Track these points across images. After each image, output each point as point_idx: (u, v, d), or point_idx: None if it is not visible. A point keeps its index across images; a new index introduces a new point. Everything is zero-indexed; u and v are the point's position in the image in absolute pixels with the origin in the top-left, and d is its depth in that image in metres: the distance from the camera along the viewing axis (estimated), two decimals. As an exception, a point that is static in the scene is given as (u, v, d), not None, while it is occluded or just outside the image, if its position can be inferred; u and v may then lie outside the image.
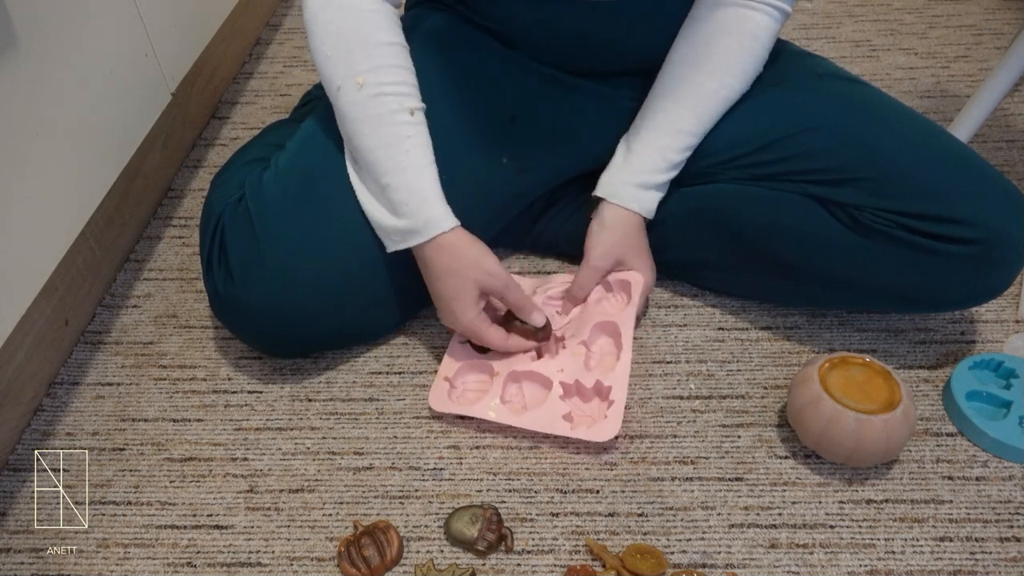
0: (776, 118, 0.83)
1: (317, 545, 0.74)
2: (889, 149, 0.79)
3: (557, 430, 0.79)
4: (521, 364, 0.83)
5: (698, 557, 0.72)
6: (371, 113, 0.77)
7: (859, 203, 0.78)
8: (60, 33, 0.87)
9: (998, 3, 1.44)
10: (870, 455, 0.74)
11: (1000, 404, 0.81)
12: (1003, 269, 0.78)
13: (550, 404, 0.80)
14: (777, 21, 0.82)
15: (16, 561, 0.74)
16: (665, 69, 0.85)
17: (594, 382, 0.81)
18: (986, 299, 0.81)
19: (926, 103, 1.23)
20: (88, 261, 0.95)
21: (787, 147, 0.81)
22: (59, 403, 0.87)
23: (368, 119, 0.77)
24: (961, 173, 0.77)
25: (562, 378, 0.81)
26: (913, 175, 0.77)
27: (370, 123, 0.77)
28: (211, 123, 1.25)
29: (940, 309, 0.87)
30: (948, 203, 0.75)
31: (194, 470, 0.81)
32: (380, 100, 0.77)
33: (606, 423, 0.78)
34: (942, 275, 0.78)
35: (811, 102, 0.83)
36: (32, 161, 0.84)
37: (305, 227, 0.80)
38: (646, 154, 0.85)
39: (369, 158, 0.78)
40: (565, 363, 0.83)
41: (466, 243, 0.78)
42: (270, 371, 0.89)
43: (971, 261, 0.76)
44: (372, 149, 0.77)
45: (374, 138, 0.77)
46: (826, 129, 0.81)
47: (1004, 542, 0.72)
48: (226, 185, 0.87)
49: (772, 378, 0.86)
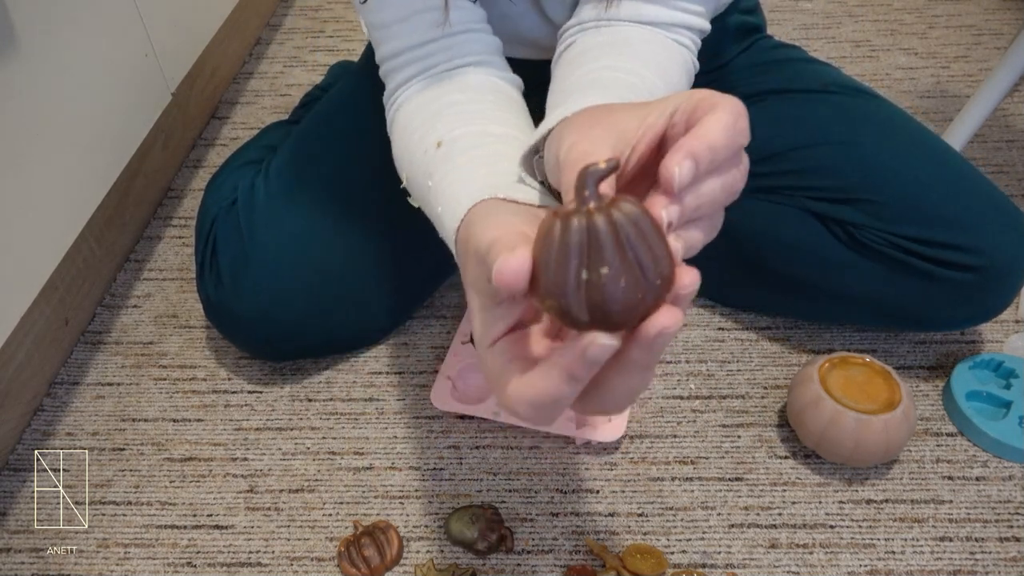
0: (779, 130, 0.81)
1: (317, 545, 0.74)
2: (891, 171, 0.77)
3: (562, 430, 0.79)
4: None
5: (698, 557, 0.72)
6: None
7: (857, 222, 0.77)
8: (60, 33, 0.87)
9: (998, 3, 1.44)
10: (870, 455, 0.74)
11: (1000, 404, 0.81)
12: (1001, 294, 0.77)
13: None
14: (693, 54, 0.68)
15: (16, 561, 0.74)
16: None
17: None
18: (983, 320, 0.81)
19: (926, 103, 1.23)
20: (88, 261, 0.95)
21: (789, 161, 0.80)
22: (59, 403, 0.87)
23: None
24: (963, 197, 0.76)
25: None
26: (914, 199, 0.75)
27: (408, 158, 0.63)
28: (211, 123, 1.25)
29: (936, 329, 0.87)
30: (948, 229, 0.74)
31: (194, 470, 0.81)
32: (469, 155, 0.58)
33: (611, 425, 0.78)
34: (939, 297, 0.77)
35: (816, 115, 0.81)
36: (32, 161, 0.84)
37: (292, 234, 0.79)
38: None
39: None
40: None
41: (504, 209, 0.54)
42: (270, 371, 0.89)
43: (969, 286, 0.75)
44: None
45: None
46: (830, 145, 0.79)
47: (1004, 542, 0.72)
48: (221, 188, 0.87)
49: (772, 378, 0.86)
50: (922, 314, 0.80)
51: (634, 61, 0.58)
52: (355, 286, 0.82)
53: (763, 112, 0.83)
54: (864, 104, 0.83)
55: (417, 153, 0.60)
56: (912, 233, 0.75)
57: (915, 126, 0.82)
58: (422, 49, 0.63)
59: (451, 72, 0.63)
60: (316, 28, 1.46)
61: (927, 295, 0.77)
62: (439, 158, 0.57)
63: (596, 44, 0.62)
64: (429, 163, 0.57)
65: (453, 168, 0.55)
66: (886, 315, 0.82)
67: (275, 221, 0.80)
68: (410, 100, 0.64)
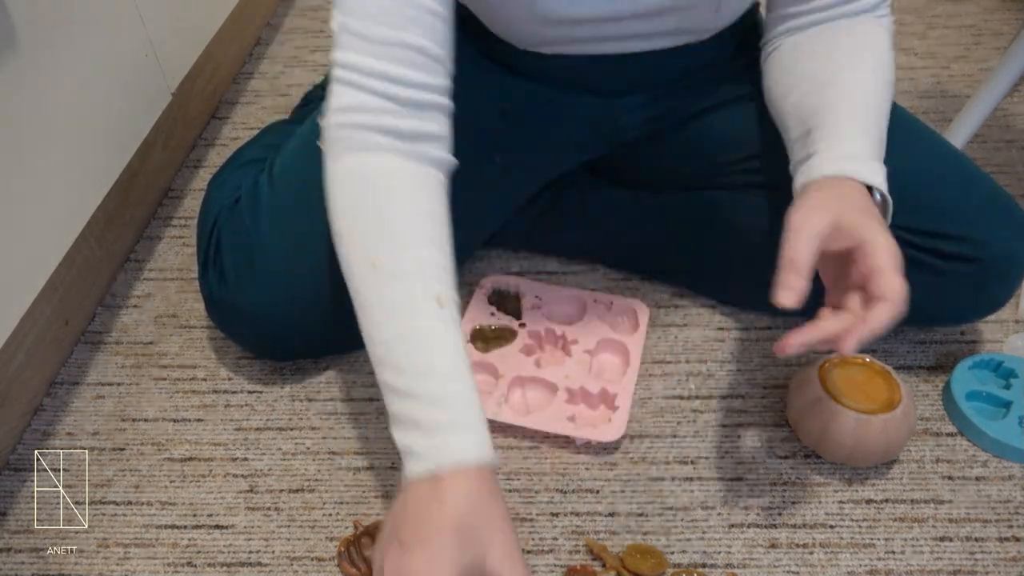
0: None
1: (317, 545, 0.74)
2: (890, 163, 0.78)
3: (562, 429, 0.79)
4: (527, 370, 0.84)
5: (698, 557, 0.72)
6: (387, 299, 0.61)
7: None
8: (60, 33, 0.87)
9: (998, 3, 1.44)
10: (870, 455, 0.74)
11: (1000, 404, 0.81)
12: (1002, 286, 0.77)
13: (555, 407, 0.81)
14: (886, 29, 0.75)
15: (16, 561, 0.74)
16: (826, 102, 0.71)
17: (600, 389, 0.82)
18: (984, 314, 0.81)
19: (926, 103, 1.23)
20: (88, 261, 0.95)
21: (786, 154, 0.81)
22: (59, 403, 0.87)
23: (382, 306, 0.61)
24: (963, 189, 0.76)
25: (567, 384, 0.82)
26: (913, 190, 0.75)
27: (383, 311, 0.61)
28: (211, 123, 1.25)
29: (940, 324, 0.87)
30: (949, 220, 0.75)
31: (194, 470, 0.81)
32: (399, 283, 0.61)
33: (611, 425, 0.79)
34: (940, 291, 0.77)
35: None
36: (32, 161, 0.84)
37: (298, 231, 0.80)
38: (861, 129, 0.69)
39: (379, 352, 0.60)
40: (570, 370, 0.84)
41: (489, 493, 0.56)
42: (270, 371, 0.89)
43: (970, 278, 0.75)
44: (384, 342, 0.60)
45: (388, 329, 0.60)
46: None
47: (1004, 542, 0.72)
48: (223, 186, 0.87)
49: (772, 378, 0.86)
50: (925, 309, 0.80)
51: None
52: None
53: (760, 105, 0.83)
54: None
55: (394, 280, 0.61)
56: (911, 224, 0.75)
57: (912, 121, 0.83)
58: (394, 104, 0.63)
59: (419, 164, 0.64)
60: (316, 28, 1.46)
61: (928, 289, 0.77)
62: (439, 328, 0.60)
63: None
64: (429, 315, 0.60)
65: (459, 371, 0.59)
66: None
67: (281, 218, 0.80)
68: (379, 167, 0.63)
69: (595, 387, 0.82)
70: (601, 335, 0.87)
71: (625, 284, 0.96)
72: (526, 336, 0.87)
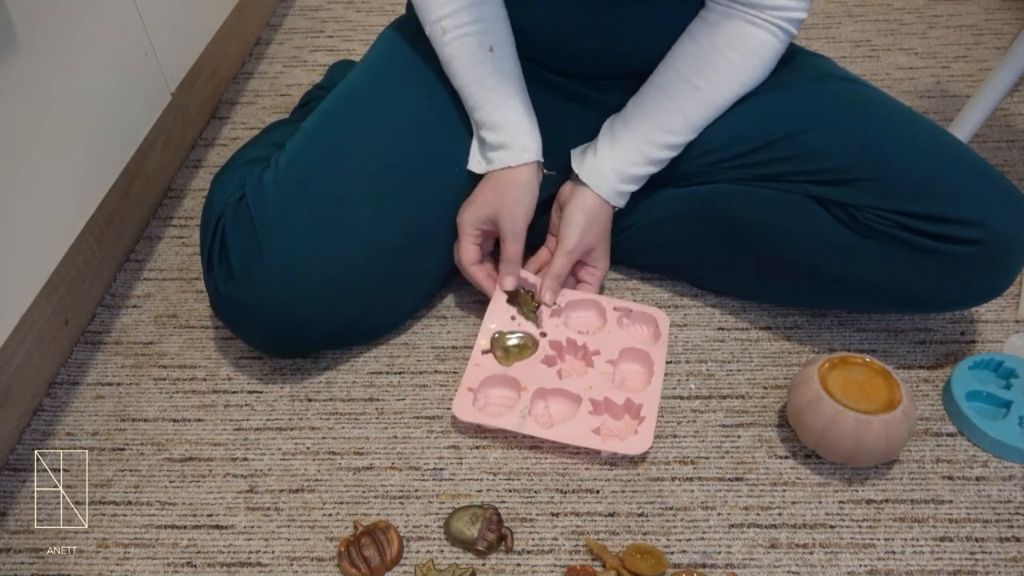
0: (777, 117, 0.82)
1: (317, 545, 0.74)
2: (890, 149, 0.79)
3: (588, 443, 0.78)
4: (549, 382, 0.82)
5: (698, 557, 0.72)
6: (455, 55, 0.83)
7: (859, 203, 0.78)
8: (60, 33, 0.87)
9: (998, 3, 1.44)
10: (870, 455, 0.74)
11: (1000, 404, 0.81)
12: (1003, 270, 0.78)
13: (580, 418, 0.79)
14: (782, 42, 0.81)
15: (16, 561, 0.74)
16: (666, 63, 0.84)
17: (624, 400, 0.80)
18: (986, 299, 0.81)
19: (926, 103, 1.23)
20: (88, 261, 0.95)
21: (787, 146, 0.81)
22: (59, 403, 0.87)
23: (453, 60, 0.83)
24: (962, 173, 0.77)
25: (591, 395, 0.81)
26: (914, 175, 0.77)
27: (455, 64, 0.83)
28: (211, 123, 1.25)
29: (940, 309, 0.87)
30: (949, 203, 0.75)
31: (194, 470, 0.81)
32: (461, 42, 0.82)
33: (638, 437, 0.78)
34: (942, 276, 0.78)
35: (812, 102, 0.83)
36: (32, 161, 0.84)
37: (305, 226, 0.80)
38: (632, 144, 0.84)
39: (464, 95, 0.85)
40: (593, 381, 0.82)
41: (525, 180, 0.83)
42: (270, 371, 0.89)
43: (971, 261, 0.76)
44: (462, 87, 0.84)
45: (461, 78, 0.84)
46: (827, 129, 0.81)
47: (1004, 542, 0.72)
48: (227, 185, 0.87)
49: (772, 378, 0.87)
50: (927, 294, 0.81)
51: (708, 87, 0.83)
52: (367, 278, 0.82)
53: (760, 101, 0.84)
54: (858, 91, 0.85)
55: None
56: (912, 208, 0.76)
57: (908, 109, 0.84)
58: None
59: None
60: (316, 28, 1.46)
61: (930, 273, 0.77)
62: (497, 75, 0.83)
63: (683, 56, 0.83)
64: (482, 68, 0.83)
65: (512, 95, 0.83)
66: (892, 298, 0.83)
67: (288, 213, 0.80)
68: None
69: (619, 398, 0.81)
70: (623, 345, 0.85)
71: (625, 284, 0.97)
72: (547, 347, 0.85)
